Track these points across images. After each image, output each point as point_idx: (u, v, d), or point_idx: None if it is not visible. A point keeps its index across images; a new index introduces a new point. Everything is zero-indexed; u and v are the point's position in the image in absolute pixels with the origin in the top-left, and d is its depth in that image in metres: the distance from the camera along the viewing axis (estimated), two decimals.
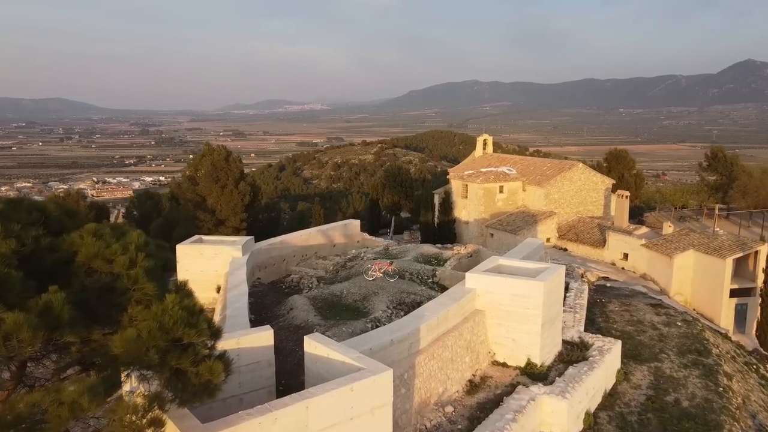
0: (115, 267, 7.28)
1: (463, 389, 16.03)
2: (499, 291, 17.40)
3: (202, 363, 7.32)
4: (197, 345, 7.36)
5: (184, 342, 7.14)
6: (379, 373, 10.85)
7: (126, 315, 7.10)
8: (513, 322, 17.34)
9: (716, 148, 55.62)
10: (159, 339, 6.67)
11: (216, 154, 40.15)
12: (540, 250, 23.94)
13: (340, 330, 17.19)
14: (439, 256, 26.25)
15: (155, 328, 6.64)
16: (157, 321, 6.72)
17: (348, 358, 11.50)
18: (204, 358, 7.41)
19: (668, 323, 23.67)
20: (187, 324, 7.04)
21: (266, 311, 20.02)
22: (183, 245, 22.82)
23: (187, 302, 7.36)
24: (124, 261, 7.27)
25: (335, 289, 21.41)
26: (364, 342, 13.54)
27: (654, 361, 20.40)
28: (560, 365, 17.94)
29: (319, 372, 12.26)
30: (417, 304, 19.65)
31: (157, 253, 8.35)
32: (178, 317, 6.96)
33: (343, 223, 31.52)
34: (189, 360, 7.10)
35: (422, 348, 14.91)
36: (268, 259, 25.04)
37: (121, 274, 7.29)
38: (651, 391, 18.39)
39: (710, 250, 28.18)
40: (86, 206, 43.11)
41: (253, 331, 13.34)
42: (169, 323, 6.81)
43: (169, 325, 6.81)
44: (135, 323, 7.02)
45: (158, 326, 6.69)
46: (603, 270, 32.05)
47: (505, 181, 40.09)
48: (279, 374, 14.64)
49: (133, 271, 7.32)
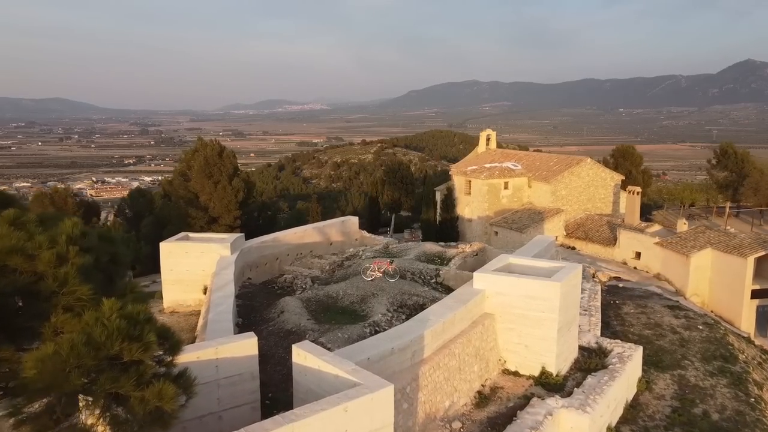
0: (38, 265, 5.66)
1: (472, 402, 14.42)
2: (511, 292, 15.78)
3: (150, 386, 5.68)
4: (144, 363, 5.71)
5: (124, 360, 5.50)
6: (378, 390, 9.25)
7: (49, 326, 5.47)
8: (526, 327, 15.73)
9: (726, 144, 53.92)
10: (86, 357, 5.06)
11: (209, 149, 38.56)
12: (551, 248, 22.33)
13: (335, 335, 15.60)
14: (442, 254, 24.64)
15: (81, 343, 5.01)
16: (85, 334, 5.08)
17: (342, 371, 9.90)
18: (152, 378, 5.77)
19: (688, 327, 22.07)
20: (128, 336, 5.41)
21: (255, 314, 18.41)
22: (167, 243, 21.21)
23: (132, 309, 5.71)
24: (49, 257, 5.66)
25: (331, 290, 19.80)
26: (361, 350, 11.94)
27: (677, 368, 18.81)
28: (577, 374, 16.34)
29: (310, 386, 10.65)
30: (419, 307, 18.06)
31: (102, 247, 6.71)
32: (115, 328, 5.32)
33: (340, 219, 29.89)
34: (130, 382, 5.46)
35: (426, 357, 13.30)
36: (260, 257, 23.43)
37: (46, 274, 5.66)
38: (676, 402, 16.78)
39: (730, 249, 26.56)
40: (74, 204, 41.41)
41: (234, 339, 11.72)
42: (101, 336, 5.18)
43: (101, 339, 5.17)
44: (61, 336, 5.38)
45: (85, 340, 5.05)
46: (614, 270, 30.45)
47: (510, 177, 38.47)
48: (266, 386, 13.03)
49: (62, 270, 5.68)
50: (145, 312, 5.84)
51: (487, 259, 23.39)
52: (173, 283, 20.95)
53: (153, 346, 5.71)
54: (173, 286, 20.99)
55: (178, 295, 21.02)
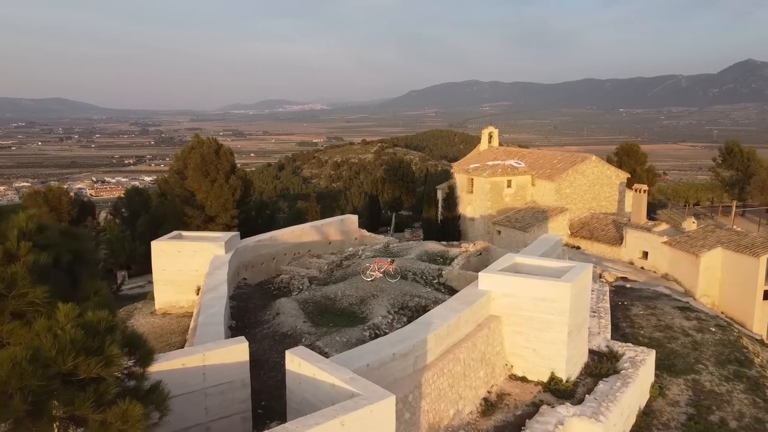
0: None
1: (478, 410, 13.61)
2: (519, 294, 14.97)
3: (113, 406, 4.87)
4: (105, 380, 4.90)
5: (81, 377, 4.69)
6: (378, 401, 8.44)
7: None
8: (534, 330, 14.92)
9: (731, 143, 53.07)
10: (31, 376, 4.22)
11: (205, 146, 37.73)
12: (558, 247, 21.52)
13: (333, 339, 14.80)
14: (445, 254, 23.81)
15: (24, 360, 4.19)
16: (31, 348, 4.27)
17: (339, 380, 9.10)
18: (116, 397, 4.96)
19: (701, 329, 21.24)
20: (85, 349, 4.59)
21: (250, 316, 17.60)
22: (158, 242, 20.40)
23: (93, 316, 4.89)
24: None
25: (329, 290, 18.98)
26: (360, 356, 11.13)
27: (690, 372, 17.99)
28: (588, 379, 15.53)
29: (304, 396, 9.85)
30: (422, 309, 17.26)
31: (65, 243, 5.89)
32: (69, 340, 4.51)
33: (339, 218, 29.05)
34: (88, 404, 4.65)
35: (430, 362, 12.48)
36: (256, 257, 22.61)
37: None
38: (692, 409, 15.97)
39: (741, 248, 25.74)
40: (69, 202, 40.57)
41: (223, 345, 10.91)
42: (52, 350, 4.36)
43: (52, 354, 4.35)
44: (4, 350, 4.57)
45: (31, 356, 4.23)
46: (621, 270, 29.65)
47: (514, 175, 37.63)
48: (259, 393, 12.24)
49: (11, 269, 4.86)
50: (108, 320, 5.02)
51: (491, 259, 22.57)
52: (165, 283, 20.15)
53: (116, 360, 4.90)
54: (165, 287, 20.19)
55: (171, 296, 20.22)
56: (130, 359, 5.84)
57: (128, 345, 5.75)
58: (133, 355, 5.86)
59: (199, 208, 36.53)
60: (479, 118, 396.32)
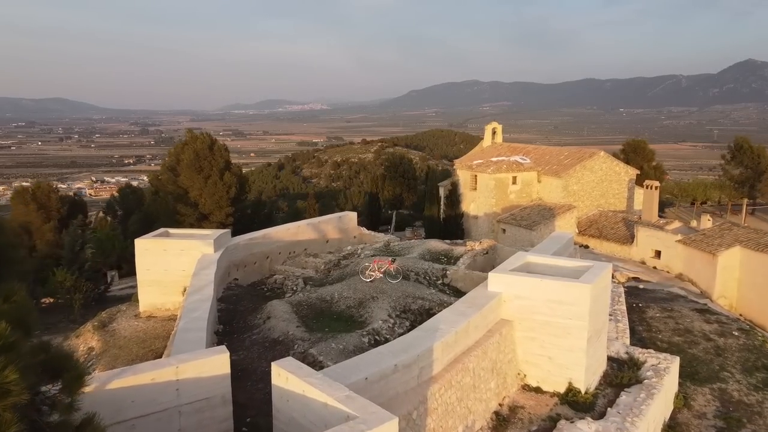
0: None
1: (489, 425, 12.25)
2: (533, 296, 13.61)
3: None
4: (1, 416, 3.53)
5: None
6: (378, 426, 7.09)
7: None
8: (550, 336, 13.55)
9: (741, 140, 51.67)
10: None
11: (199, 142, 36.42)
12: (570, 246, 20.17)
13: (329, 346, 13.43)
14: (449, 253, 22.43)
15: None
16: None
17: (332, 399, 7.75)
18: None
19: (723, 333, 19.88)
20: None
21: (239, 320, 16.23)
22: (143, 239, 19.02)
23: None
24: None
25: (325, 292, 17.61)
26: (357, 368, 9.77)
27: (716, 381, 16.65)
28: (608, 390, 14.17)
29: (292, 416, 8.50)
30: (425, 312, 15.91)
31: None
32: None
33: (337, 215, 27.67)
34: None
35: (436, 374, 11.12)
36: (248, 256, 21.24)
37: None
38: (721, 422, 14.63)
39: (762, 247, 24.38)
40: (58, 200, 39.21)
41: (201, 355, 9.54)
42: None
43: None
44: None
45: None
46: (632, 269, 28.29)
47: (519, 172, 36.25)
48: (245, 408, 10.88)
49: None
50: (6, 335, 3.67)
51: (498, 258, 21.24)
52: (150, 284, 18.78)
53: (14, 391, 3.54)
54: (150, 288, 18.82)
55: (156, 297, 18.85)
56: (53, 386, 4.51)
57: (51, 366, 4.40)
58: (59, 378, 4.52)
59: (192, 206, 35.19)
60: (479, 118, 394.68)
